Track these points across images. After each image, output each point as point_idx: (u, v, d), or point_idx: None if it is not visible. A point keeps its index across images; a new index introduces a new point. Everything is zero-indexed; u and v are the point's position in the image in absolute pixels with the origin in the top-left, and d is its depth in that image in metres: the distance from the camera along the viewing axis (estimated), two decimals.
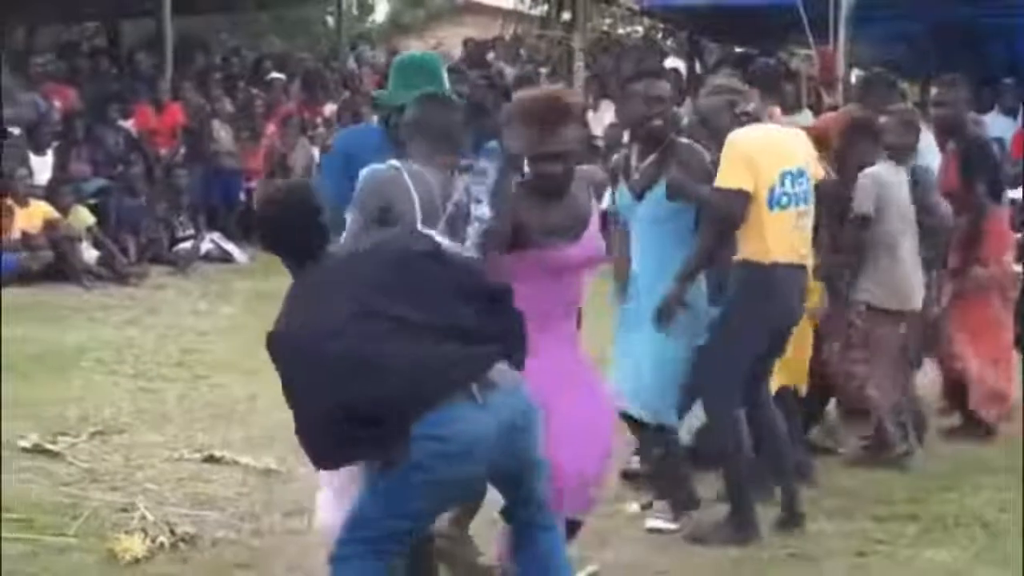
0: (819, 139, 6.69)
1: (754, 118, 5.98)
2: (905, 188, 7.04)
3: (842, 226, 6.92)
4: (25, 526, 5.70)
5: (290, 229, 4.24)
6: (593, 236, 5.01)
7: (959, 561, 5.78)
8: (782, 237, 5.81)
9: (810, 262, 6.12)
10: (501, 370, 4.11)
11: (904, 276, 7.06)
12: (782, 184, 5.80)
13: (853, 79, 16.14)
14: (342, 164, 5.21)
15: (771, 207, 5.77)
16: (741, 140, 5.83)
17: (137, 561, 5.38)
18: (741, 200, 5.75)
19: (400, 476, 4.00)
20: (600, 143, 14.23)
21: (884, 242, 6.98)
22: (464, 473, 4.05)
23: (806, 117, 8.10)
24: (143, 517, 5.81)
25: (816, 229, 6.17)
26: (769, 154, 5.83)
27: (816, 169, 6.12)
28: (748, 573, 5.58)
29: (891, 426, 7.05)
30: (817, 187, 6.04)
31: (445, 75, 5.44)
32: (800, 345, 6.52)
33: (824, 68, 13.89)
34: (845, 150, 7.10)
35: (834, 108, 9.21)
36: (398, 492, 4.04)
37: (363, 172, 4.73)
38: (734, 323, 5.83)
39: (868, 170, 6.94)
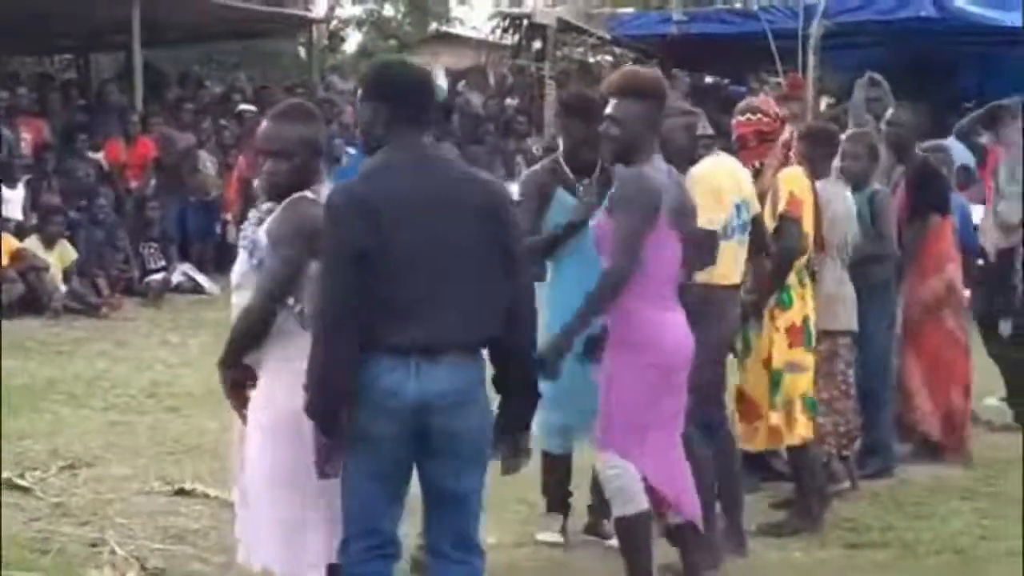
0: None
1: (711, 140, 6.02)
2: (842, 205, 6.96)
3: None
4: None
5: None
6: None
7: None
8: (727, 263, 5.84)
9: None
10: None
11: (827, 295, 6.76)
12: (734, 215, 5.87)
13: (823, 107, 16.21)
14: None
15: (725, 236, 5.81)
16: (707, 174, 5.86)
17: None
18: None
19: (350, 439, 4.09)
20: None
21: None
22: (385, 427, 4.05)
23: None
24: (113, 552, 5.76)
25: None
26: (729, 184, 5.91)
27: (756, 203, 6.12)
28: None
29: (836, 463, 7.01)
30: (754, 220, 6.06)
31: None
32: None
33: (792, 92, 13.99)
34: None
35: None
36: (353, 466, 4.11)
37: None
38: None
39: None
